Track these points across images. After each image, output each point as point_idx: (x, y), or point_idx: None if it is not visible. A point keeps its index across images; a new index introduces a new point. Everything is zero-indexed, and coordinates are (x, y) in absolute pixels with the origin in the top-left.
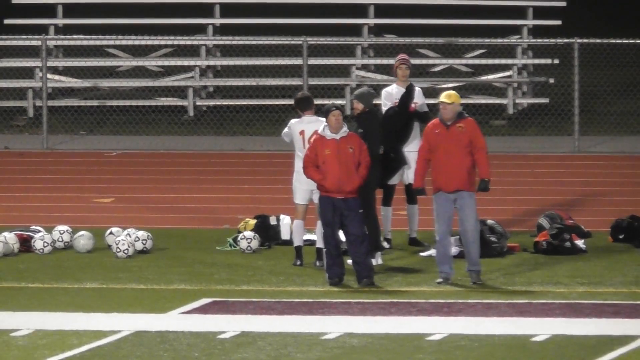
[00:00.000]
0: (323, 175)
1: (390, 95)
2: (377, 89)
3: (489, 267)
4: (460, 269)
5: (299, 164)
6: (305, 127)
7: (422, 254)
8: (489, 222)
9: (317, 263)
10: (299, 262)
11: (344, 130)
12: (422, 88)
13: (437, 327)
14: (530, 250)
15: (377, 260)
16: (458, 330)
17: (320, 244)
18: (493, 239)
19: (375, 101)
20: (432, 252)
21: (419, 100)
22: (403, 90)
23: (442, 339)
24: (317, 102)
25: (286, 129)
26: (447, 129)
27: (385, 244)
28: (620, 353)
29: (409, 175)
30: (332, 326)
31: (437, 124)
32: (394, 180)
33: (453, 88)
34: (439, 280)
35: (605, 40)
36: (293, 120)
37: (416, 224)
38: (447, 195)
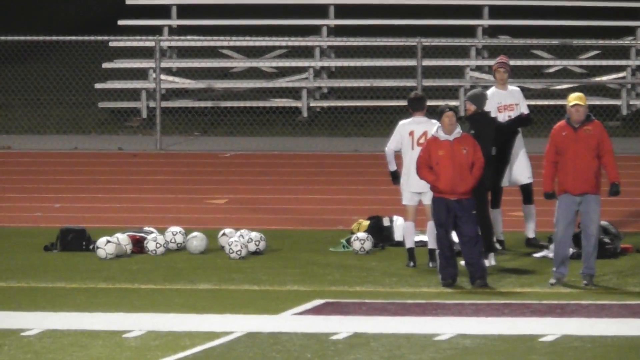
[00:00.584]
0: (436, 176)
1: (492, 97)
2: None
3: (602, 269)
4: (573, 270)
5: (407, 165)
6: (415, 128)
7: (535, 255)
8: (603, 223)
9: (430, 264)
10: (412, 264)
11: (458, 131)
12: (536, 89)
13: (550, 328)
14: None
15: (490, 262)
16: (571, 331)
17: (432, 245)
18: (606, 240)
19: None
20: (545, 253)
21: (519, 101)
22: (503, 92)
23: (555, 340)
24: (431, 103)
25: (393, 137)
26: (575, 131)
27: (498, 246)
28: None
29: (522, 175)
30: (445, 327)
31: (564, 126)
32: (502, 183)
33: (567, 89)
34: (553, 281)
35: None
36: (402, 121)
37: (534, 224)
38: (573, 198)
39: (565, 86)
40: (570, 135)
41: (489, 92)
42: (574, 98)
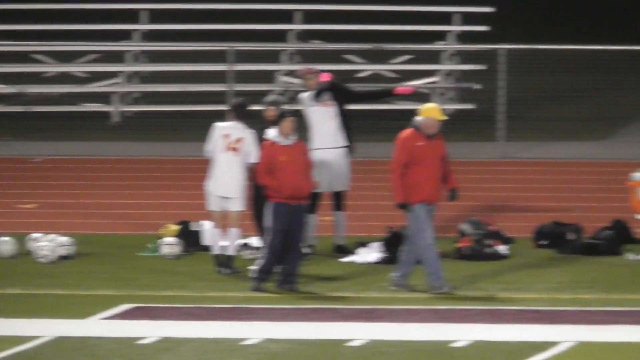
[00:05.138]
0: (279, 181)
1: (307, 100)
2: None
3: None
4: (379, 274)
5: (216, 168)
6: (230, 132)
7: (343, 259)
8: None
9: (223, 270)
10: (219, 270)
11: (294, 136)
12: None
13: (358, 332)
14: (452, 256)
15: None
16: (379, 336)
17: (217, 251)
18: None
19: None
20: (353, 258)
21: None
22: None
23: (362, 344)
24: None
25: (209, 138)
26: (429, 141)
27: (308, 250)
28: (541, 359)
29: (340, 183)
30: (253, 332)
31: (417, 135)
32: (321, 188)
33: None
34: (443, 288)
35: (532, 46)
36: (218, 123)
37: (343, 231)
38: (428, 207)
39: None
40: (426, 145)
41: (303, 95)
42: (438, 111)
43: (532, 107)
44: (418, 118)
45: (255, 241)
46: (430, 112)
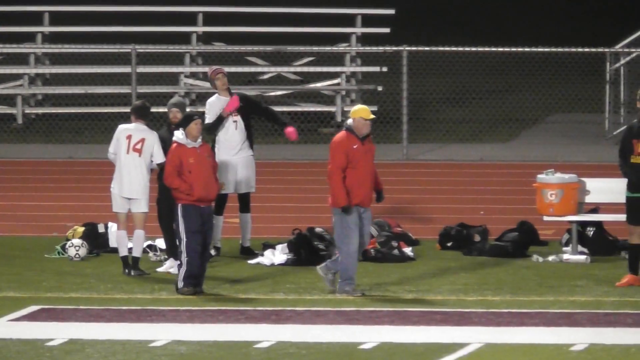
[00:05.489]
0: (189, 184)
1: (213, 105)
2: (205, 97)
3: (317, 275)
4: (286, 276)
5: (120, 169)
6: (133, 133)
7: (250, 262)
8: (317, 229)
9: (130, 272)
10: (126, 271)
11: (200, 138)
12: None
13: (265, 334)
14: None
15: (170, 268)
16: (286, 337)
17: (124, 253)
18: (321, 246)
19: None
20: (260, 259)
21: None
22: (225, 99)
23: (270, 346)
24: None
25: (113, 140)
26: (362, 143)
27: (213, 252)
28: None
29: (247, 184)
30: (161, 334)
31: (352, 138)
32: (228, 190)
33: (281, 95)
34: (356, 292)
35: (434, 48)
36: (122, 125)
37: (249, 233)
38: (359, 209)
39: (279, 92)
40: (360, 147)
41: (211, 99)
42: (366, 111)
43: (434, 109)
44: (349, 121)
45: (161, 243)
46: (359, 113)
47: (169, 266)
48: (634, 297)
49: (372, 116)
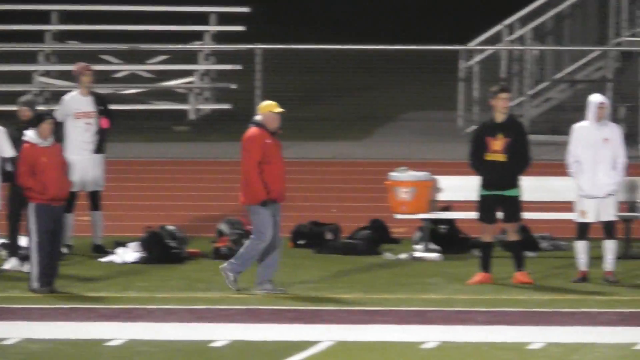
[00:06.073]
0: (42, 184)
1: (66, 104)
2: (59, 95)
3: (169, 273)
4: (138, 274)
5: None
6: None
7: (101, 259)
8: (169, 227)
9: None
10: None
11: (51, 138)
12: (105, 94)
13: (117, 332)
14: (210, 255)
15: (8, 266)
16: (138, 335)
17: None
18: (173, 244)
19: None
20: (112, 257)
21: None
22: (84, 98)
23: (121, 344)
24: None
25: None
26: (273, 138)
27: (65, 250)
28: (299, 358)
29: (89, 182)
30: (12, 332)
31: (264, 133)
32: (75, 188)
33: (136, 94)
34: (276, 289)
35: (288, 46)
36: None
37: (101, 231)
38: (275, 205)
39: (133, 90)
40: (272, 142)
41: (67, 97)
42: (274, 105)
43: (288, 107)
44: (258, 117)
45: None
46: (268, 107)
47: (15, 264)
48: (485, 295)
49: (281, 109)
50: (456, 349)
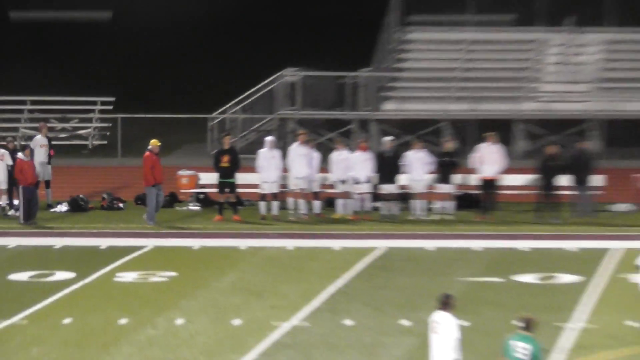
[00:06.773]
0: (25, 176)
1: (36, 140)
2: (32, 136)
3: (78, 218)
4: None
5: None
6: None
7: (51, 210)
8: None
9: None
10: None
11: (29, 156)
12: (52, 137)
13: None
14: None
15: None
16: None
17: None
18: (82, 202)
19: None
20: (55, 209)
21: None
22: (44, 138)
23: None
24: None
25: None
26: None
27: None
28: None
29: None
30: (10, 242)
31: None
32: (39, 178)
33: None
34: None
35: None
36: None
37: (50, 197)
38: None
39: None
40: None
41: (36, 137)
42: None
43: None
44: None
45: None
46: None
47: (13, 212)
48: None
49: None
50: None
